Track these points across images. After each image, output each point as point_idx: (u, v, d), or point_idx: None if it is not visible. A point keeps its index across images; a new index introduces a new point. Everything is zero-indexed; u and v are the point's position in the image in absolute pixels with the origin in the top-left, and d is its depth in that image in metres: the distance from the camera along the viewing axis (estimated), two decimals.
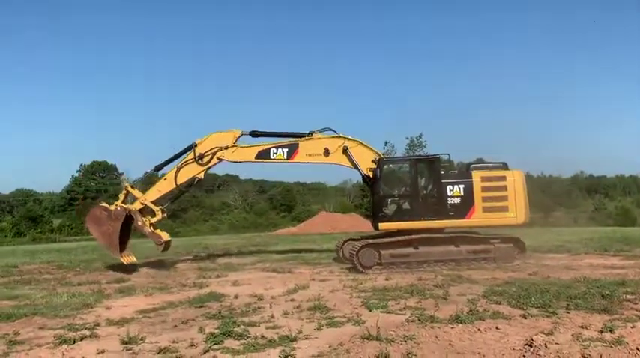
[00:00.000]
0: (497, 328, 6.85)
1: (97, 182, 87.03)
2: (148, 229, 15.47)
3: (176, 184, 15.82)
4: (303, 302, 9.29)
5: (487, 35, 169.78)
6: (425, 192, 14.09)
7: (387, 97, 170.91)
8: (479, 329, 6.81)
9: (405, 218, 13.91)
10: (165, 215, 16.04)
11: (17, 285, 13.14)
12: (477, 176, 13.74)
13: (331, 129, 15.45)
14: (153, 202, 15.72)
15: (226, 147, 15.62)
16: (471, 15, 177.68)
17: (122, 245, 15.31)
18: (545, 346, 5.88)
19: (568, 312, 7.64)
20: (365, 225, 31.47)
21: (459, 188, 13.67)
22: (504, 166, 14.09)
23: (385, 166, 14.45)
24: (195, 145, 15.67)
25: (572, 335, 6.39)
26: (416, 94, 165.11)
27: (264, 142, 15.78)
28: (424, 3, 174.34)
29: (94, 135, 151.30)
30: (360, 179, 15.89)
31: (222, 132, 15.83)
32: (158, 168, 16.27)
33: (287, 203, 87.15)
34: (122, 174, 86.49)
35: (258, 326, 7.54)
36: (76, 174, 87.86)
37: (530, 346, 5.92)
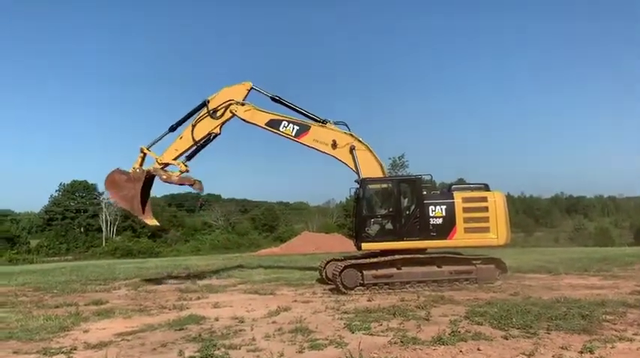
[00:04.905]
0: (479, 349, 6.86)
1: (77, 201, 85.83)
2: (175, 178, 15.66)
3: (193, 141, 15.88)
4: (285, 324, 9.20)
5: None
6: (407, 212, 14.11)
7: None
8: (461, 351, 6.81)
9: (387, 238, 13.91)
10: (188, 169, 16.01)
11: None
12: (458, 197, 13.84)
13: (345, 125, 15.52)
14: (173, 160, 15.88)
15: (242, 104, 15.79)
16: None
17: (143, 207, 15.56)
18: None
19: (549, 333, 7.68)
20: (348, 246, 31.44)
21: (441, 208, 13.75)
22: (486, 187, 14.23)
23: (368, 186, 14.47)
24: (208, 101, 15.83)
25: (552, 356, 6.44)
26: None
27: (279, 113, 15.84)
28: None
29: (74, 155, 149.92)
30: (343, 198, 15.98)
31: (233, 86, 16.08)
32: (173, 128, 16.12)
33: (269, 223, 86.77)
34: (102, 193, 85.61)
35: (239, 349, 7.44)
36: (55, 194, 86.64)
37: None
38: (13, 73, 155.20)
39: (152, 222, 16.07)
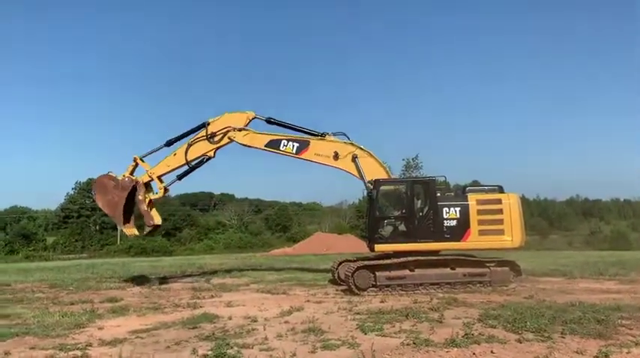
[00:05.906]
0: (492, 352, 6.82)
1: (93, 200, 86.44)
2: (144, 206, 15.68)
3: (186, 160, 16.01)
4: (298, 324, 9.22)
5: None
6: (421, 214, 14.06)
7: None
8: (474, 354, 6.78)
9: (400, 240, 13.88)
10: (168, 193, 16.22)
11: (9, 304, 13.00)
12: (472, 199, 13.75)
13: (344, 135, 15.63)
14: (159, 177, 15.97)
15: (239, 129, 15.85)
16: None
17: (127, 215, 15.61)
18: None
19: (563, 337, 7.61)
20: (360, 247, 31.40)
21: (455, 210, 13.68)
22: (500, 189, 14.13)
23: (381, 188, 14.45)
24: (208, 124, 15.91)
25: None
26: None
27: (277, 133, 15.94)
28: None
29: (90, 153, 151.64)
30: (356, 199, 15.98)
31: (235, 113, 16.12)
32: (169, 143, 16.23)
33: (283, 223, 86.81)
34: None
35: (252, 348, 7.47)
36: (72, 192, 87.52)
37: None
38: (27, 71, 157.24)
39: (131, 232, 16.02)
